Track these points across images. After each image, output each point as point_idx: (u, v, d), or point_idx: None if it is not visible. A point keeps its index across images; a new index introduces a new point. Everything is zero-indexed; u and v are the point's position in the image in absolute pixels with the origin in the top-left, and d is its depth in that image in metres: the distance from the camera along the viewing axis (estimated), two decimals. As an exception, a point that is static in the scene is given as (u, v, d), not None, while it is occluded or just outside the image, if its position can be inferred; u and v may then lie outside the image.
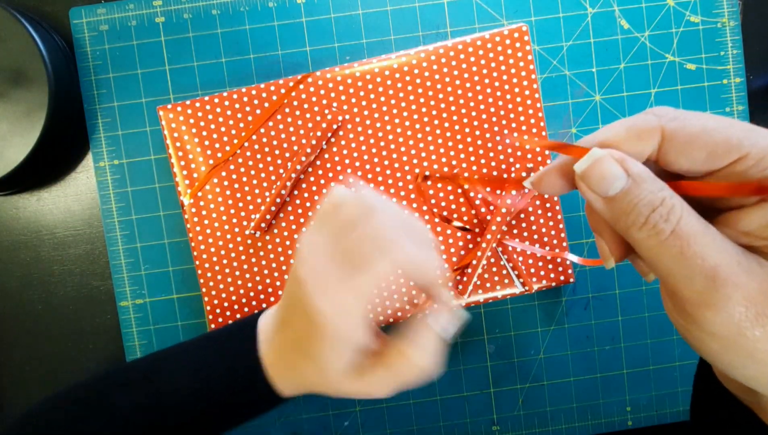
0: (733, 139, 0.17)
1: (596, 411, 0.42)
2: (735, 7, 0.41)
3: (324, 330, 0.25)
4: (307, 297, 0.25)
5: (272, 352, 0.28)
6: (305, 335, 0.26)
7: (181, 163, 0.37)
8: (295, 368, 0.28)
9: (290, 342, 0.27)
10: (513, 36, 0.37)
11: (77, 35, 0.40)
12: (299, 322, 0.26)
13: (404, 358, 0.26)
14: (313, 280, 0.25)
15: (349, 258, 0.25)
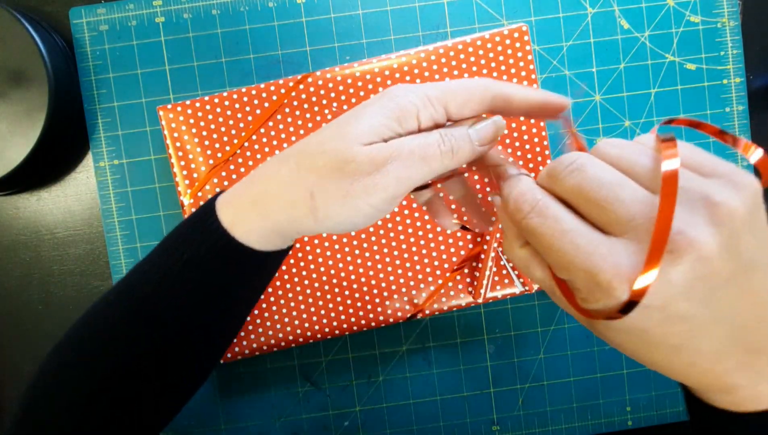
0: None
1: (596, 411, 0.42)
2: (735, 7, 0.41)
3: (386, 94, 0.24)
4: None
5: (231, 202, 0.26)
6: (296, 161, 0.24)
7: (181, 163, 0.37)
8: (262, 204, 0.25)
9: (255, 181, 0.26)
10: (513, 36, 0.37)
11: (77, 35, 0.40)
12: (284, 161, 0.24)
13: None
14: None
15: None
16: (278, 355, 0.41)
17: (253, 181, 0.26)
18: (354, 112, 0.24)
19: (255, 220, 0.26)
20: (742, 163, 0.42)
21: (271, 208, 0.25)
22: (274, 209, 0.25)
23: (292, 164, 0.25)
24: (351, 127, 0.24)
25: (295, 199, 0.24)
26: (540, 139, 0.38)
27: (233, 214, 0.26)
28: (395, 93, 0.24)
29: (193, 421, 0.41)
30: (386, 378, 0.42)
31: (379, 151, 0.23)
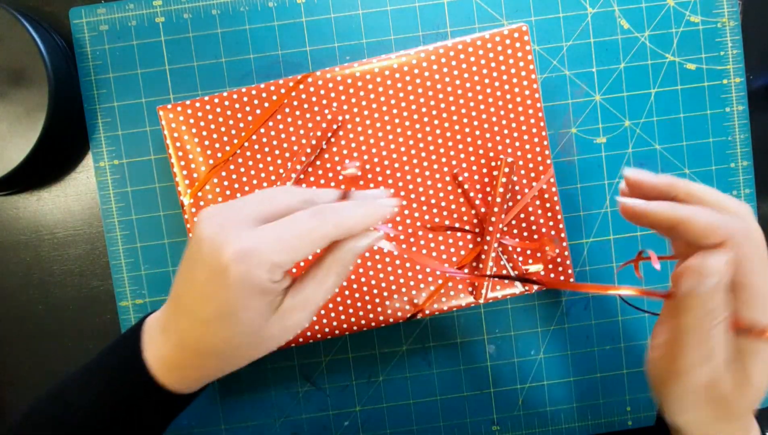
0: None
1: (596, 411, 0.42)
2: (735, 7, 0.41)
3: (230, 273, 0.23)
4: (207, 242, 0.24)
5: (154, 355, 0.27)
6: (203, 313, 0.25)
7: (181, 163, 0.37)
8: (180, 363, 0.27)
9: (182, 336, 0.26)
10: (513, 36, 0.37)
11: (77, 35, 0.40)
12: (191, 304, 0.25)
13: (316, 277, 0.26)
14: (215, 230, 0.24)
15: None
16: (278, 355, 0.41)
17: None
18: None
19: (196, 379, 0.28)
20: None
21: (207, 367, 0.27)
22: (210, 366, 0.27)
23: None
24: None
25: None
26: (540, 140, 0.38)
27: (170, 375, 0.27)
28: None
29: (193, 422, 0.41)
30: (386, 378, 0.42)
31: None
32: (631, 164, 0.41)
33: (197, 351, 0.26)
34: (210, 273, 0.24)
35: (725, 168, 0.42)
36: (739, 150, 0.42)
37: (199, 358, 0.26)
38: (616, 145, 0.41)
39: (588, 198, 0.41)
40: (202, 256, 0.24)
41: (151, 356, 0.27)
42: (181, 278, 0.26)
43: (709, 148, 0.42)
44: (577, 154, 0.41)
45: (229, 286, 0.23)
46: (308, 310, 0.26)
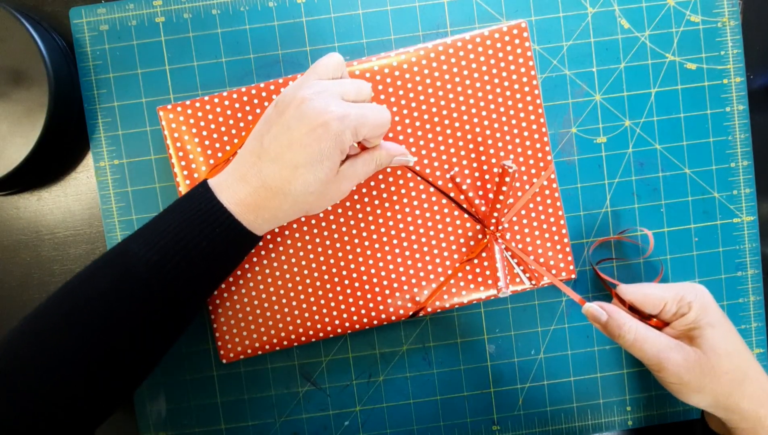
0: (658, 299, 0.35)
1: (596, 411, 0.42)
2: (735, 7, 0.41)
3: (330, 127, 0.30)
4: (313, 103, 0.30)
5: (232, 199, 0.31)
6: (295, 160, 0.30)
7: (182, 163, 0.37)
8: (266, 206, 0.31)
9: (265, 180, 0.31)
10: (512, 33, 0.37)
11: (77, 35, 0.40)
12: (283, 153, 0.31)
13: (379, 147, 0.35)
14: (318, 96, 0.31)
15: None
16: (278, 355, 0.41)
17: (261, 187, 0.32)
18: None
19: (267, 219, 0.32)
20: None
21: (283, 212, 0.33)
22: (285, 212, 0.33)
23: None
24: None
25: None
26: (540, 136, 0.38)
27: (247, 215, 0.32)
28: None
29: (193, 421, 0.41)
30: (386, 378, 0.42)
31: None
32: (631, 164, 0.41)
33: (279, 191, 0.31)
34: (312, 126, 0.30)
35: (725, 168, 0.42)
36: (740, 150, 0.42)
37: (277, 198, 0.31)
38: (616, 145, 0.41)
39: (588, 198, 0.41)
40: (306, 113, 0.30)
41: (227, 200, 0.31)
42: (270, 134, 0.31)
43: (710, 147, 0.42)
44: (577, 154, 0.41)
45: (327, 138, 0.30)
46: (354, 180, 0.34)
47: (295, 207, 0.32)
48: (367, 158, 0.34)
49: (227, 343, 0.38)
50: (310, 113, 0.30)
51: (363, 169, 0.34)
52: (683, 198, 0.42)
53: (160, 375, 0.41)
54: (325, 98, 0.31)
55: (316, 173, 0.31)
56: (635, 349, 0.34)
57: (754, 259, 0.42)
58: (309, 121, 0.30)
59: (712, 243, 0.42)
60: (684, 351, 0.34)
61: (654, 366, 0.34)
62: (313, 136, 0.30)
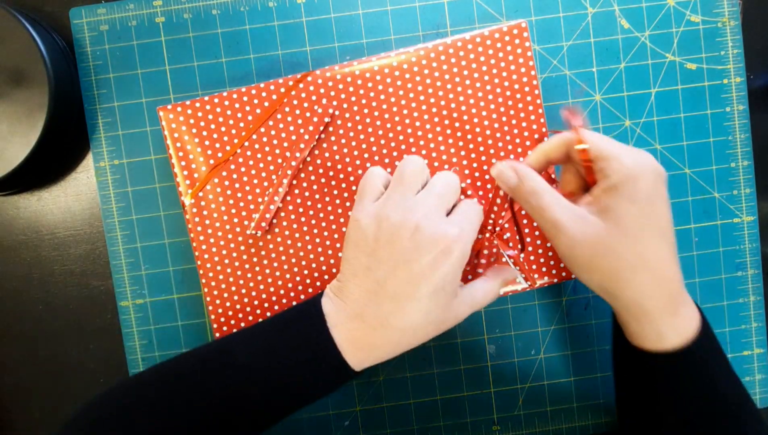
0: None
1: (596, 411, 0.42)
2: (735, 7, 0.41)
3: (453, 251, 0.29)
4: (426, 231, 0.29)
5: (345, 337, 0.30)
6: (419, 292, 0.29)
7: (182, 163, 0.37)
8: (374, 344, 0.30)
9: (385, 318, 0.29)
10: (512, 32, 0.37)
11: (77, 35, 0.40)
12: (403, 287, 0.29)
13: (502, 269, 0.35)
14: (426, 219, 0.30)
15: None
16: (278, 355, 0.41)
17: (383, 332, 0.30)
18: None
19: (377, 357, 0.31)
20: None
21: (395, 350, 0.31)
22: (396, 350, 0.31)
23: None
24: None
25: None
26: (540, 136, 0.38)
27: (358, 353, 0.30)
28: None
29: (193, 421, 0.41)
30: (386, 378, 0.42)
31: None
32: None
33: (398, 328, 0.30)
34: (433, 256, 0.29)
35: (725, 168, 0.42)
36: (740, 149, 0.42)
37: (396, 335, 0.30)
38: (617, 144, 0.41)
39: (588, 198, 0.41)
40: (422, 243, 0.29)
41: (340, 337, 0.30)
42: (384, 269, 0.30)
43: (710, 147, 0.42)
44: (578, 153, 0.41)
45: (449, 262, 0.29)
46: (474, 304, 0.32)
47: (414, 340, 0.31)
48: (490, 277, 0.34)
49: (227, 343, 0.38)
50: (427, 242, 0.29)
51: (483, 292, 0.33)
52: (683, 198, 0.42)
53: (160, 375, 0.41)
54: (436, 220, 0.30)
55: (438, 300, 0.30)
56: (534, 212, 0.31)
57: (754, 259, 0.42)
58: (428, 251, 0.29)
59: (712, 243, 0.42)
60: (584, 222, 0.30)
61: (548, 232, 0.31)
62: (435, 264, 0.29)
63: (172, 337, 0.41)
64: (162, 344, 0.41)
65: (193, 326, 0.41)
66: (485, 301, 0.33)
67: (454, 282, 0.30)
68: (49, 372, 0.41)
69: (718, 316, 0.42)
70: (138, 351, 0.41)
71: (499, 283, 0.34)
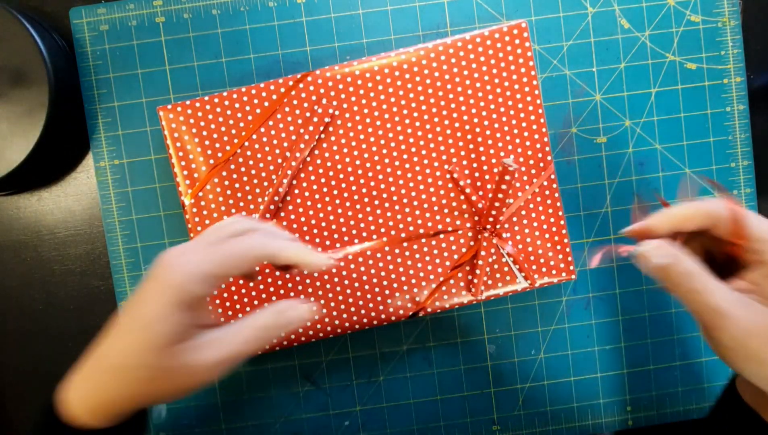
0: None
1: (596, 411, 0.42)
2: (735, 7, 0.41)
3: (158, 277, 0.24)
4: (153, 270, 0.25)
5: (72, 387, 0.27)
6: (125, 327, 0.25)
7: (182, 163, 0.37)
8: (92, 379, 0.26)
9: (96, 357, 0.26)
10: (512, 33, 0.37)
11: (77, 35, 0.40)
12: (120, 325, 0.26)
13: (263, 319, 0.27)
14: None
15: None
16: (278, 355, 0.41)
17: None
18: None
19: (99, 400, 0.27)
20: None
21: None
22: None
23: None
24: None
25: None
26: (540, 136, 0.38)
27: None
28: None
29: (193, 421, 0.41)
30: (386, 378, 0.42)
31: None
32: (631, 164, 0.41)
33: (98, 366, 0.26)
34: (148, 280, 0.25)
35: (726, 167, 0.42)
36: (740, 149, 0.42)
37: (95, 375, 0.26)
38: (617, 144, 0.41)
39: (588, 198, 0.41)
40: (157, 263, 0.25)
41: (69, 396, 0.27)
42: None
43: (710, 147, 0.42)
44: (577, 154, 0.41)
45: (157, 292, 0.24)
46: (219, 351, 0.25)
47: (119, 389, 0.26)
48: (244, 323, 0.27)
49: (227, 343, 0.38)
50: (153, 267, 0.25)
51: (233, 335, 0.26)
52: (683, 198, 0.42)
53: (160, 375, 0.41)
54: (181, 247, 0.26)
55: (143, 339, 0.24)
56: (688, 295, 0.27)
57: (754, 259, 0.42)
58: (148, 275, 0.25)
59: (713, 243, 0.42)
60: (751, 309, 0.26)
61: (708, 322, 0.26)
62: (143, 293, 0.25)
63: (172, 337, 0.41)
64: (162, 344, 0.41)
65: (193, 326, 0.41)
66: (233, 345, 0.26)
67: (166, 322, 0.24)
68: (49, 372, 0.41)
69: (718, 316, 0.42)
70: (138, 351, 0.41)
71: (257, 321, 0.27)
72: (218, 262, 0.25)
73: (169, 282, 0.24)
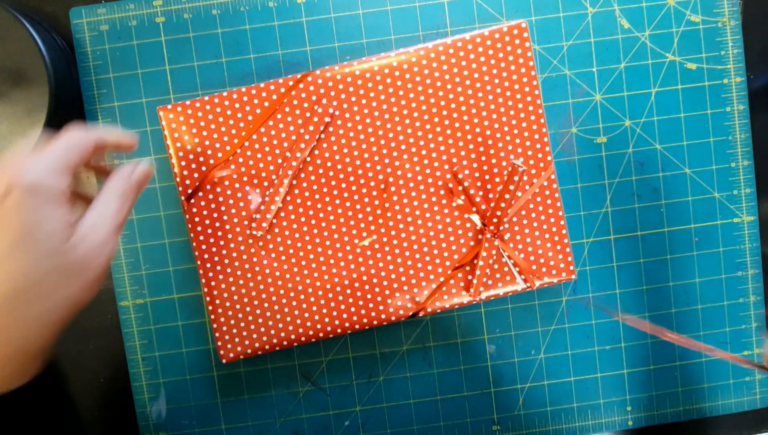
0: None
1: (596, 411, 0.42)
2: (735, 7, 0.41)
3: (15, 190, 0.23)
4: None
5: None
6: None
7: (182, 163, 0.37)
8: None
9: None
10: (512, 33, 0.37)
11: (77, 35, 0.40)
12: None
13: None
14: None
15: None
16: (278, 355, 0.41)
17: None
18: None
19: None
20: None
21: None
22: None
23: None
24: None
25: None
26: (540, 136, 0.38)
27: None
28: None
29: (193, 421, 0.41)
30: (386, 378, 0.42)
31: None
32: (631, 164, 0.41)
33: (12, 302, 0.24)
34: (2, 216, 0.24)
35: (726, 167, 0.42)
36: (740, 149, 0.42)
37: (13, 312, 0.24)
38: (617, 144, 0.41)
39: (588, 198, 0.41)
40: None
41: None
42: None
43: (710, 147, 0.42)
44: (577, 154, 0.41)
45: (18, 204, 0.23)
46: (102, 232, 0.26)
47: (35, 314, 0.25)
48: (103, 194, 0.27)
49: (227, 343, 0.38)
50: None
51: (103, 208, 0.27)
52: (683, 198, 0.42)
53: (160, 375, 0.41)
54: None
55: (34, 250, 0.24)
56: None
57: (754, 259, 0.42)
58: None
59: (712, 243, 0.42)
60: None
61: None
62: (3, 214, 0.24)
63: (172, 337, 0.41)
64: (162, 344, 0.41)
65: (193, 326, 0.41)
66: (111, 213, 0.27)
67: (47, 223, 0.24)
68: (48, 372, 0.41)
69: (718, 316, 0.42)
70: (138, 351, 0.41)
71: (114, 188, 0.28)
72: (58, 154, 0.25)
73: (27, 188, 0.24)
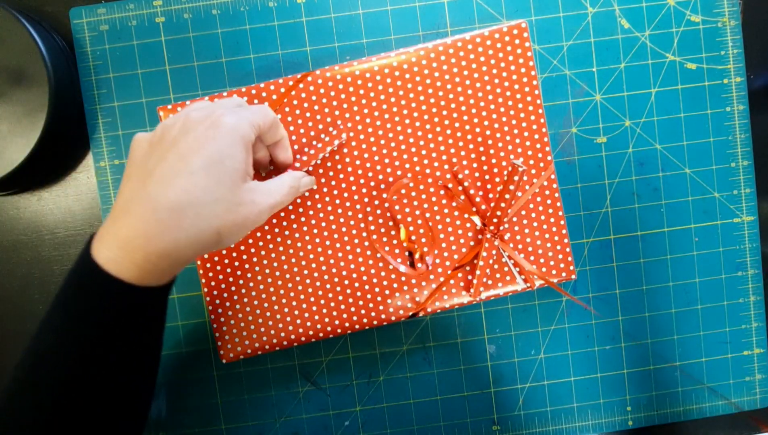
0: None
1: (596, 411, 0.42)
2: (735, 7, 0.41)
3: (222, 123, 0.27)
4: (198, 112, 0.28)
5: (112, 244, 0.26)
6: (190, 166, 0.26)
7: (181, 163, 0.37)
8: (148, 237, 0.25)
9: (144, 212, 0.26)
10: (512, 33, 0.37)
11: (77, 35, 0.40)
12: (173, 165, 0.26)
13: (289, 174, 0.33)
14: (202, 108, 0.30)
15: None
16: (278, 355, 0.41)
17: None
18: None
19: (161, 255, 0.26)
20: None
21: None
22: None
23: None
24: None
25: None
26: (540, 136, 0.38)
27: (133, 261, 0.26)
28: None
29: (193, 421, 0.41)
30: (386, 378, 0.42)
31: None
32: (631, 164, 0.41)
33: (170, 208, 0.25)
34: (202, 130, 0.27)
35: (726, 167, 0.42)
36: (740, 149, 0.42)
37: (173, 218, 0.25)
38: (617, 144, 0.41)
39: (588, 198, 0.41)
40: (190, 124, 0.28)
41: (106, 249, 0.26)
42: (154, 157, 0.27)
43: (710, 147, 0.42)
44: (577, 154, 0.41)
45: (223, 134, 0.27)
46: (268, 197, 0.30)
47: (200, 222, 0.26)
48: (283, 177, 0.32)
49: (227, 343, 0.38)
50: (193, 123, 0.27)
51: (277, 185, 0.31)
52: (683, 198, 0.42)
53: (160, 375, 0.41)
54: (205, 109, 0.29)
55: (217, 175, 0.26)
56: None
57: (754, 259, 0.42)
58: (194, 129, 0.27)
59: (713, 243, 0.42)
60: None
61: None
62: (206, 137, 0.27)
63: (172, 337, 0.41)
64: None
65: (193, 326, 0.41)
66: (281, 193, 0.31)
67: (235, 155, 0.27)
68: (49, 372, 0.41)
69: (718, 316, 0.42)
70: (138, 351, 0.41)
71: (291, 178, 0.32)
72: (254, 117, 0.30)
73: (232, 126, 0.28)
